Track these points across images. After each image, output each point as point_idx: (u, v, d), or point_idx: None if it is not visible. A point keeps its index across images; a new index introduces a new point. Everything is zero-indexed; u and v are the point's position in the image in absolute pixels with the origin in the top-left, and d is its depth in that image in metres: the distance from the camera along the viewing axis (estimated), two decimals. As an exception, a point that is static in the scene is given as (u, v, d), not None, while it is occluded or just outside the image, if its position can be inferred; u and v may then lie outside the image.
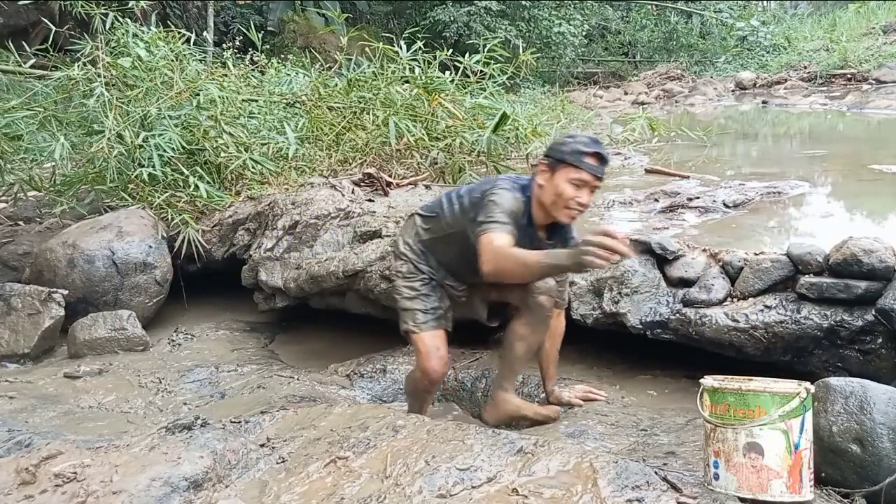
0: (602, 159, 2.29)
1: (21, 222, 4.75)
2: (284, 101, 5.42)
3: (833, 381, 1.87)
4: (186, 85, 4.60)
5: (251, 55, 6.55)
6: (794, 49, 15.02)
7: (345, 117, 5.11)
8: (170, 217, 4.08)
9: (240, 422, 2.17)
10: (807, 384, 1.68)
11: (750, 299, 2.66)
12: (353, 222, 3.86)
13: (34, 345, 3.44)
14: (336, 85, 5.44)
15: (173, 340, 3.70)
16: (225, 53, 6.62)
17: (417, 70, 5.24)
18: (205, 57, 6.65)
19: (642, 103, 11.40)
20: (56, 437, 2.04)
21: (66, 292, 3.60)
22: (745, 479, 1.63)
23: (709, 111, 10.27)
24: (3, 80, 5.92)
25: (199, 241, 4.02)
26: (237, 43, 7.21)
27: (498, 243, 2.19)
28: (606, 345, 3.13)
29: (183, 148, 4.31)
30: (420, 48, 5.31)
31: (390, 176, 4.52)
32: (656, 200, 3.93)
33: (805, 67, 13.14)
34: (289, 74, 6.15)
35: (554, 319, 2.61)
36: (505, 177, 2.54)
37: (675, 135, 6.34)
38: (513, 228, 2.25)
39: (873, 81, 11.22)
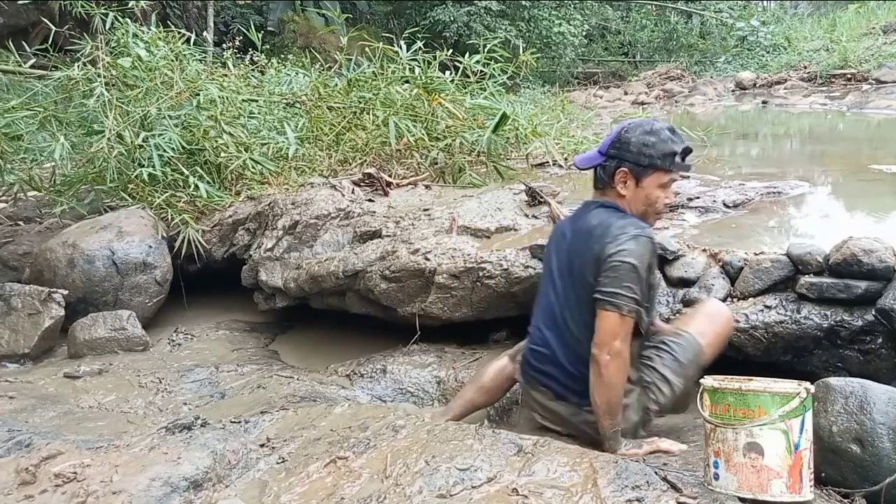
0: (690, 152, 2.12)
1: (21, 222, 4.74)
2: (284, 101, 5.42)
3: (833, 381, 1.88)
4: (186, 85, 4.60)
5: (251, 55, 6.55)
6: (794, 49, 15.03)
7: (345, 117, 5.11)
8: (170, 217, 4.07)
9: (240, 422, 2.17)
10: (807, 384, 1.68)
11: (750, 299, 2.66)
12: (353, 222, 3.86)
13: (34, 345, 3.43)
14: (336, 85, 5.44)
15: (173, 340, 3.70)
16: (225, 53, 6.62)
17: (417, 70, 5.24)
18: (205, 57, 6.64)
19: (642, 103, 11.40)
20: (56, 437, 2.04)
21: (66, 292, 3.59)
22: (745, 479, 1.63)
23: (709, 111, 10.27)
24: (3, 80, 5.92)
25: (199, 241, 4.02)
26: (237, 43, 7.21)
27: (620, 337, 2.00)
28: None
29: (183, 148, 4.31)
30: (420, 48, 5.32)
31: (390, 176, 4.52)
32: (656, 200, 3.92)
33: (805, 67, 13.15)
34: (289, 74, 6.15)
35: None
36: (628, 217, 2.12)
37: (675, 135, 6.32)
38: (641, 302, 2.04)
39: (873, 81, 11.23)
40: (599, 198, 2.23)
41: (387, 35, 8.70)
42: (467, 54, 5.42)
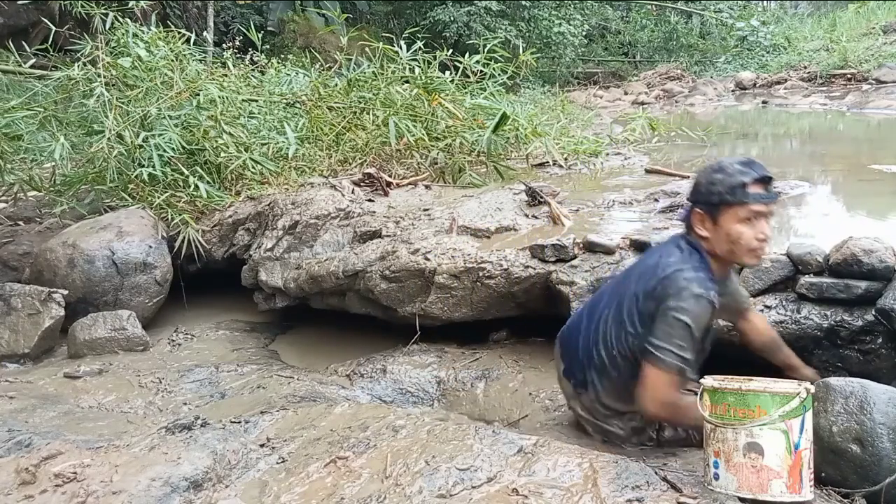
0: (768, 181, 1.99)
1: (21, 222, 4.74)
2: (284, 101, 5.42)
3: (833, 381, 1.88)
4: (186, 85, 4.60)
5: (251, 55, 6.56)
6: (794, 49, 15.04)
7: (345, 117, 5.12)
8: (170, 217, 4.07)
9: (240, 422, 2.17)
10: (807, 384, 1.68)
11: (750, 299, 2.66)
12: (353, 222, 3.86)
13: (34, 345, 3.43)
14: (336, 85, 5.44)
15: (173, 340, 3.70)
16: (225, 53, 6.62)
17: (417, 70, 5.24)
18: (205, 57, 6.64)
19: (642, 103, 11.42)
20: (56, 437, 2.04)
21: (66, 292, 3.59)
22: (745, 479, 1.63)
23: (709, 111, 10.27)
24: (3, 80, 5.92)
25: (199, 241, 4.02)
26: (237, 43, 7.23)
27: (665, 392, 1.96)
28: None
29: (183, 148, 4.31)
30: (420, 48, 5.32)
31: (390, 176, 4.52)
32: (656, 200, 3.93)
33: (805, 67, 13.16)
34: (289, 74, 6.15)
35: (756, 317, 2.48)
36: (675, 251, 2.08)
37: (675, 135, 6.34)
38: (690, 359, 1.97)
39: (873, 81, 11.24)
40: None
41: (387, 35, 8.71)
42: (467, 54, 5.42)
